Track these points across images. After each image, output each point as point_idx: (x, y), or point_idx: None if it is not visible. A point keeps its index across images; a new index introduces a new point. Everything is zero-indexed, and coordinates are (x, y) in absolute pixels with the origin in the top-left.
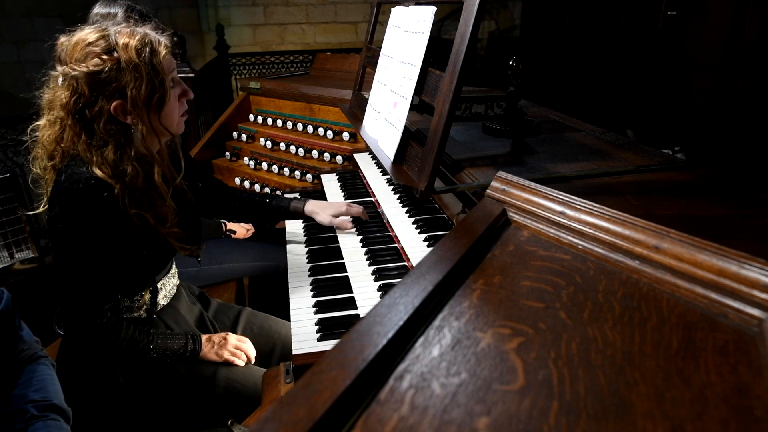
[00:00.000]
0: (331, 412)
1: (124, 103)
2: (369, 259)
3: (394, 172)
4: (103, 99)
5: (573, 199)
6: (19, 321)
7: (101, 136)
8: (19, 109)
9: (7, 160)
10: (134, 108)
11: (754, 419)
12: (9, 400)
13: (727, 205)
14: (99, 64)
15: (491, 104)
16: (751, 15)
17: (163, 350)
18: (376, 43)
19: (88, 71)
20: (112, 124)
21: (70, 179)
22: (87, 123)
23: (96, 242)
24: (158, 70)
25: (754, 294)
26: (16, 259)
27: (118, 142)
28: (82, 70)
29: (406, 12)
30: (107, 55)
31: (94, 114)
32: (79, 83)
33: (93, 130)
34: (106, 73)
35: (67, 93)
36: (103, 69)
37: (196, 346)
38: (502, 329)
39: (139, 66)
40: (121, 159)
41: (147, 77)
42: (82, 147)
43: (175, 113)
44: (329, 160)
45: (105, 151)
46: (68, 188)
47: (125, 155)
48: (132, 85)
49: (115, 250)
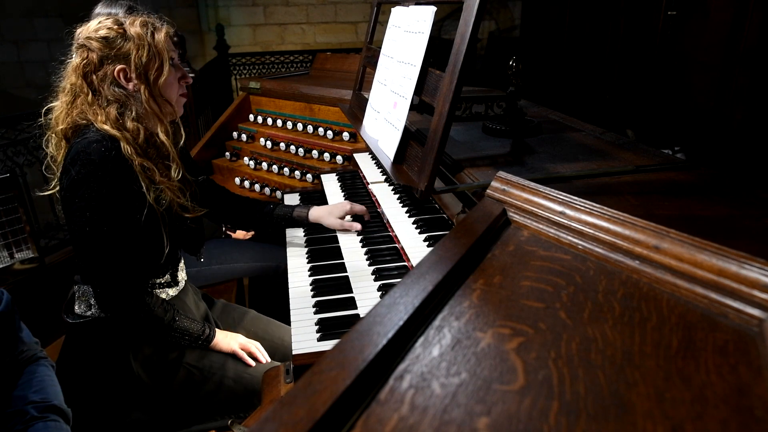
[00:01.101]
0: (331, 412)
1: (126, 68)
2: (369, 259)
3: (394, 172)
4: (108, 64)
5: (573, 199)
6: (19, 322)
7: (105, 97)
8: (19, 109)
9: (7, 160)
10: (136, 73)
11: (754, 419)
12: (9, 401)
13: (727, 205)
14: (107, 32)
15: (491, 104)
16: (751, 15)
17: (182, 330)
18: (376, 43)
19: (97, 37)
20: (116, 87)
21: (80, 143)
22: (94, 86)
23: (112, 198)
24: (158, 43)
25: (754, 294)
26: (16, 259)
27: (121, 103)
28: (94, 36)
29: (406, 12)
30: (116, 26)
31: (101, 77)
32: (89, 50)
33: (99, 92)
34: (113, 39)
35: (79, 59)
36: (110, 36)
37: (211, 333)
38: (502, 329)
39: (142, 36)
40: (122, 116)
41: (147, 46)
42: (88, 107)
43: (174, 89)
44: (329, 160)
45: (108, 109)
46: (80, 151)
47: (127, 113)
48: (135, 52)
49: (131, 205)
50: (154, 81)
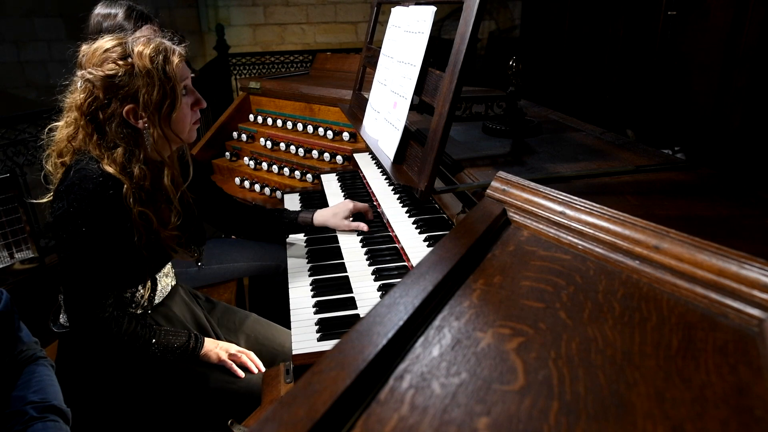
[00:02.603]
0: (331, 412)
1: (136, 107)
2: (369, 259)
3: (394, 172)
4: (116, 102)
5: (573, 199)
6: (18, 322)
7: (112, 138)
8: (19, 109)
9: (7, 160)
10: (146, 112)
11: (754, 419)
12: (8, 401)
13: (727, 206)
14: (114, 68)
15: (491, 104)
16: (751, 15)
17: (164, 346)
18: (376, 43)
19: (103, 75)
20: (123, 127)
21: (78, 174)
22: (99, 125)
23: (99, 237)
24: (170, 77)
25: (754, 294)
26: (16, 259)
27: (129, 145)
28: (98, 74)
29: (406, 12)
30: (122, 61)
31: (107, 116)
32: (94, 86)
33: (105, 132)
34: (120, 78)
35: (83, 95)
36: (117, 73)
37: (198, 344)
38: (502, 329)
39: (152, 72)
40: (129, 161)
41: (159, 83)
42: (93, 147)
43: (187, 120)
44: (329, 160)
45: (115, 153)
46: (76, 183)
47: (134, 158)
48: (144, 90)
49: (117, 246)
50: (166, 117)
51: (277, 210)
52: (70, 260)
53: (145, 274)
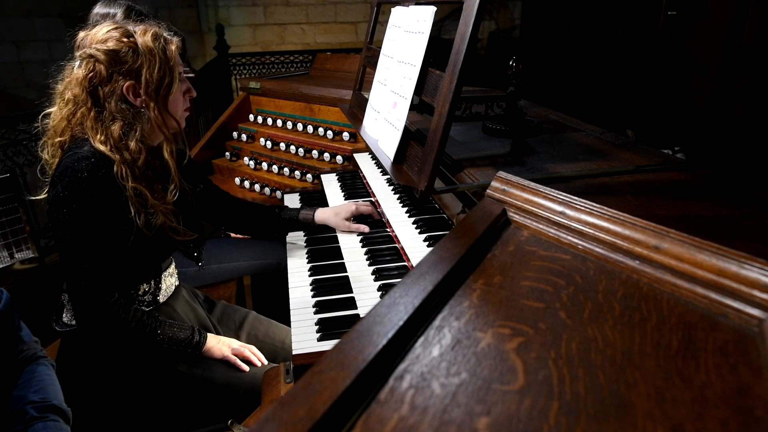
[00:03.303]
0: (331, 412)
1: (136, 84)
2: (369, 259)
3: (394, 172)
4: (117, 78)
5: (573, 199)
6: (18, 321)
7: (111, 113)
8: (19, 109)
9: (7, 160)
10: (146, 90)
11: (754, 419)
12: (8, 401)
13: (727, 205)
14: (119, 44)
15: (491, 104)
16: (751, 15)
17: (169, 338)
18: (376, 43)
19: (107, 49)
20: (122, 103)
21: (71, 157)
22: (98, 100)
23: (96, 218)
24: (169, 58)
25: (754, 294)
26: (16, 259)
27: (126, 121)
28: (102, 48)
29: (406, 12)
30: (126, 39)
31: (107, 93)
32: (97, 61)
33: (104, 108)
34: (124, 53)
35: (85, 71)
36: (122, 49)
37: (201, 339)
38: (502, 329)
39: (154, 51)
40: (126, 135)
41: (159, 62)
42: (90, 123)
43: (180, 105)
44: (329, 160)
45: (112, 127)
46: (69, 166)
47: (131, 132)
48: (146, 67)
49: (116, 227)
50: (164, 97)
51: (278, 206)
52: (69, 245)
53: (149, 264)
